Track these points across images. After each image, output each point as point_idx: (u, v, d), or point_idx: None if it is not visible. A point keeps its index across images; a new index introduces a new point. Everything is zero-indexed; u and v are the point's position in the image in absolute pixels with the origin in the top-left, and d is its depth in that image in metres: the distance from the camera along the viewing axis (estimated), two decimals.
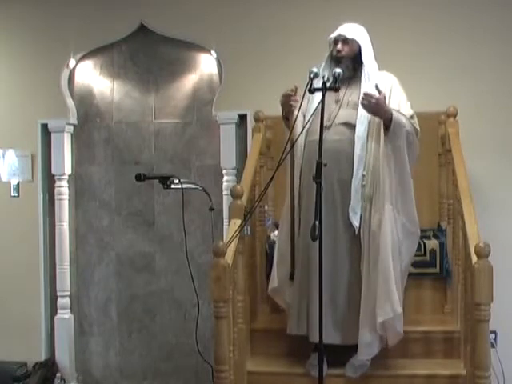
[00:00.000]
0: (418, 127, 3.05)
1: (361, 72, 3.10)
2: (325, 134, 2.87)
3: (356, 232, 3.01)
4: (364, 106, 2.90)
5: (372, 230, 2.97)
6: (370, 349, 2.99)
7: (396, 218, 2.98)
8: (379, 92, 2.89)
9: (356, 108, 3.06)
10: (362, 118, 3.03)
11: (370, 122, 3.03)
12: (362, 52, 3.11)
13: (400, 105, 3.05)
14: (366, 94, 2.88)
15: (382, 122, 2.97)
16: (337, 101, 3.11)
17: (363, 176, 3.00)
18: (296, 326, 3.10)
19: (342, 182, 3.02)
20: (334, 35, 3.13)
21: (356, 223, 3.00)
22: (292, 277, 3.12)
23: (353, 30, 3.12)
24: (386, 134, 2.97)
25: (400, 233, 3.00)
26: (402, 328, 2.99)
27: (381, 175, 2.99)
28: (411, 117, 3.05)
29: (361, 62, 3.11)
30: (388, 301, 2.89)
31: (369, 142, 3.02)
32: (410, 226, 3.04)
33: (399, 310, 2.92)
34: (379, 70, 3.16)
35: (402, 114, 2.99)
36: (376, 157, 3.01)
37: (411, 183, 3.07)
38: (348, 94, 3.12)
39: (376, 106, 2.87)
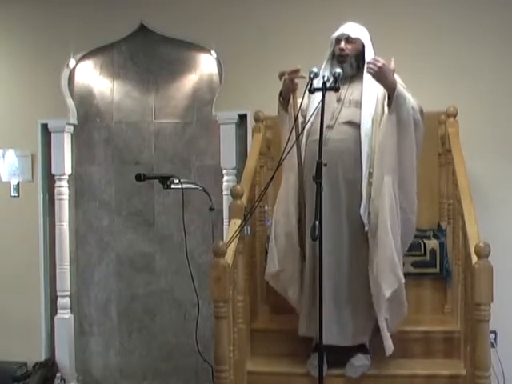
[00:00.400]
0: (422, 108, 3.01)
1: (362, 71, 3.07)
2: (328, 133, 2.87)
3: (366, 229, 2.98)
4: (369, 69, 2.85)
5: (374, 204, 2.93)
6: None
7: (395, 194, 2.93)
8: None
9: (358, 106, 3.06)
10: (366, 116, 3.02)
11: (373, 120, 3.03)
12: (366, 51, 3.09)
13: None
14: (374, 59, 2.85)
15: (384, 115, 2.97)
16: (338, 100, 3.10)
17: (370, 174, 2.99)
18: (306, 327, 3.08)
19: (348, 181, 3.01)
20: (336, 34, 3.13)
21: (366, 221, 2.98)
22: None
23: (356, 29, 3.12)
24: (389, 104, 2.93)
25: (399, 213, 2.95)
26: (406, 302, 2.99)
27: (378, 148, 2.95)
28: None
29: (363, 61, 3.10)
30: (391, 271, 2.87)
31: (373, 140, 3.01)
32: (407, 208, 2.99)
33: (403, 278, 2.90)
34: None
35: (408, 92, 2.96)
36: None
37: (414, 165, 3.00)
38: (349, 93, 3.12)
39: (380, 72, 2.82)
